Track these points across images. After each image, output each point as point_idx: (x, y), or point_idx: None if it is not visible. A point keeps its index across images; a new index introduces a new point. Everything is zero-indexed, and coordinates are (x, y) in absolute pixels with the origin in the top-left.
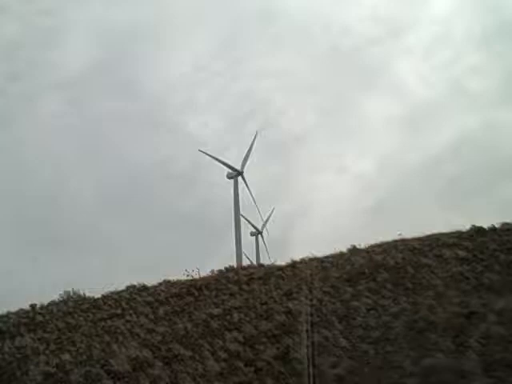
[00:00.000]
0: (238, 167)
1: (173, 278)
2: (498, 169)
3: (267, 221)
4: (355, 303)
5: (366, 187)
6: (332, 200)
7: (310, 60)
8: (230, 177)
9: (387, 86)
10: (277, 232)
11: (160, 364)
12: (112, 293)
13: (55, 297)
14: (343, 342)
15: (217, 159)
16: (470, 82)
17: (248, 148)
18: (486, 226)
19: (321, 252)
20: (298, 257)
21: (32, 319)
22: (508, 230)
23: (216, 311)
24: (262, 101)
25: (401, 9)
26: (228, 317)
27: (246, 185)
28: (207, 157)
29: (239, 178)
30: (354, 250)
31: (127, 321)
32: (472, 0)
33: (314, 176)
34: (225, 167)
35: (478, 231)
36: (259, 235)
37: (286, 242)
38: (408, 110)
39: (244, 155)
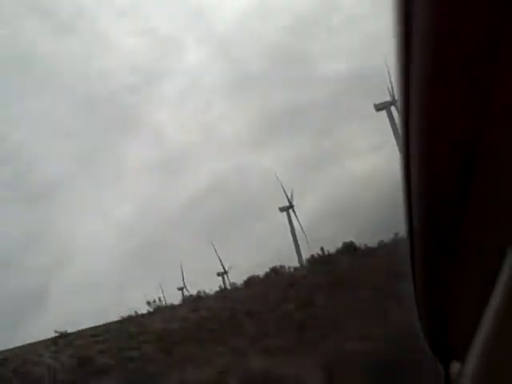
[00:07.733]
0: None
1: None
2: (246, 209)
3: (292, 197)
4: None
5: (126, 232)
6: (92, 247)
7: (67, 105)
8: None
9: (145, 132)
10: (31, 286)
11: None
12: None
13: None
14: None
15: None
16: (220, 128)
17: None
18: None
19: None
20: None
21: None
22: None
23: None
24: (15, 147)
25: (155, 58)
26: None
27: None
28: None
29: None
30: None
31: None
32: (221, 54)
33: (73, 224)
34: None
35: None
36: (291, 209)
37: (43, 296)
38: (166, 156)
39: None
